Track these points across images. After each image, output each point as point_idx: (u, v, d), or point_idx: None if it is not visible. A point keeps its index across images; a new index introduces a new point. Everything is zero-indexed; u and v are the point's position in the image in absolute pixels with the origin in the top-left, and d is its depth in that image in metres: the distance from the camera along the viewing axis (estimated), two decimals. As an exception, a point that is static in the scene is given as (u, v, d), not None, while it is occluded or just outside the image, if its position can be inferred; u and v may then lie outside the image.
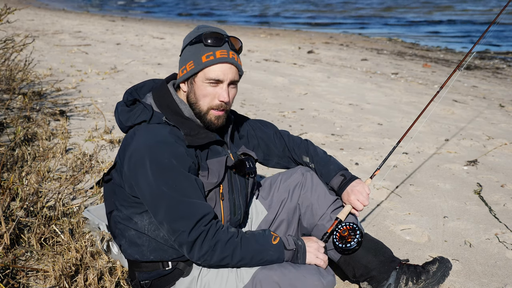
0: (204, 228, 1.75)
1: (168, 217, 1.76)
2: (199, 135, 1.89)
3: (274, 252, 1.84)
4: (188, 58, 1.88)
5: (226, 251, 1.77)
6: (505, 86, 8.42)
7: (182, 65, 1.91)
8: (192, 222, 1.74)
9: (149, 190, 1.78)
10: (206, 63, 1.83)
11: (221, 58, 1.84)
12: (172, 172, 1.77)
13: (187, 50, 1.90)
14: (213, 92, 1.87)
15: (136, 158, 1.80)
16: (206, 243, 1.75)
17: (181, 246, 1.77)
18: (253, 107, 5.86)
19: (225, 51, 1.86)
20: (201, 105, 1.89)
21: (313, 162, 2.29)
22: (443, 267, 2.28)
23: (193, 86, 1.89)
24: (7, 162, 3.44)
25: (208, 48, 1.85)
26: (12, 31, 8.83)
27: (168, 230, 1.78)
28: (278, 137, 2.33)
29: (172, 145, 1.80)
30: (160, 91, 1.97)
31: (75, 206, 2.98)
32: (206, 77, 1.85)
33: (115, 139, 4.23)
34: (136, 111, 1.90)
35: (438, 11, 23.85)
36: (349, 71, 8.99)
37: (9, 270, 2.29)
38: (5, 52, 5.17)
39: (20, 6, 15.15)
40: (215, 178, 1.91)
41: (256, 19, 21.51)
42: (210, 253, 1.75)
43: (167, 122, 1.87)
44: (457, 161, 4.32)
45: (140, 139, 1.82)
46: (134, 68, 7.88)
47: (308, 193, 2.24)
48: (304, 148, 2.31)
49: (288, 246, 1.87)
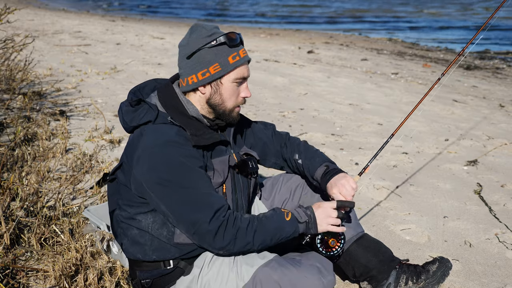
0: (224, 218, 1.78)
1: (187, 211, 1.77)
2: (205, 135, 1.89)
3: (289, 228, 1.87)
4: (211, 61, 1.87)
5: (248, 237, 1.80)
6: (505, 86, 8.42)
7: (202, 68, 1.87)
8: (211, 212, 1.76)
9: (164, 188, 1.78)
10: (234, 64, 1.87)
11: (245, 57, 1.91)
12: (184, 169, 1.78)
13: (205, 53, 1.87)
14: (237, 91, 1.93)
15: (145, 159, 1.79)
16: (228, 232, 1.77)
17: (203, 237, 1.78)
18: (253, 107, 5.86)
19: (244, 49, 1.92)
20: (228, 104, 1.92)
21: (301, 157, 2.26)
22: (443, 266, 2.28)
23: (219, 87, 1.90)
24: (7, 162, 3.44)
25: (232, 49, 1.88)
26: (12, 31, 8.83)
27: (187, 224, 1.78)
28: (276, 137, 2.33)
29: (182, 145, 1.81)
30: (166, 91, 1.96)
31: (75, 206, 2.98)
32: (236, 77, 1.89)
33: (115, 139, 4.23)
34: (141, 111, 1.90)
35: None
36: (349, 71, 8.99)
37: (9, 270, 2.29)
38: (5, 52, 5.17)
39: (20, 6, 15.14)
40: (220, 178, 1.92)
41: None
42: (233, 242, 1.78)
43: (172, 122, 1.87)
44: (457, 161, 4.32)
45: (149, 139, 1.82)
46: (134, 68, 7.88)
47: (308, 194, 2.25)
48: (296, 147, 2.30)
49: (301, 219, 1.90)
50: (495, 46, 13.41)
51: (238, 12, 24.99)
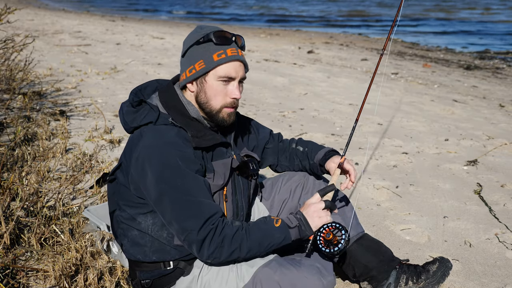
0: (212, 227, 1.75)
1: (177, 217, 1.76)
2: (205, 136, 1.88)
3: (279, 234, 1.82)
4: (197, 58, 1.87)
5: (234, 245, 1.76)
6: (505, 86, 8.42)
7: (189, 65, 1.89)
8: (201, 221, 1.74)
9: (157, 190, 1.77)
10: (218, 61, 1.84)
11: (232, 56, 1.86)
12: (180, 173, 1.77)
13: (194, 50, 1.89)
14: (224, 91, 1.88)
15: (143, 159, 1.79)
16: (214, 240, 1.74)
17: (191, 245, 1.77)
18: (253, 107, 5.86)
19: (235, 49, 1.88)
20: (213, 104, 1.89)
21: (301, 145, 2.30)
22: (443, 267, 2.28)
23: (203, 85, 1.89)
24: (7, 162, 3.44)
25: (218, 47, 1.85)
26: (12, 31, 8.83)
27: (177, 229, 1.77)
28: (274, 137, 2.36)
29: (180, 147, 1.80)
30: (167, 92, 1.96)
31: (75, 206, 2.98)
32: (219, 75, 1.85)
33: (115, 139, 4.23)
34: (142, 112, 1.89)
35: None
36: (349, 71, 8.99)
37: (9, 270, 2.29)
38: (5, 52, 5.17)
39: (20, 6, 15.15)
40: (220, 180, 1.90)
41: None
42: (218, 250, 1.75)
43: (173, 123, 1.86)
44: (457, 161, 4.32)
45: (147, 140, 1.82)
46: (134, 68, 7.88)
47: (309, 194, 2.24)
48: (295, 140, 2.36)
49: (291, 224, 1.84)
50: (495, 46, 13.40)
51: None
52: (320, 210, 1.88)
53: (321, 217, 1.87)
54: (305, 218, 1.86)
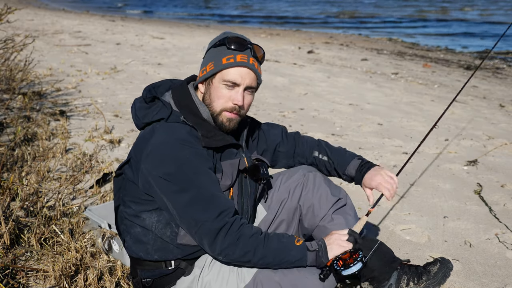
0: (229, 220, 1.74)
1: (191, 209, 1.75)
2: (216, 137, 1.88)
3: (296, 252, 1.80)
4: (209, 60, 1.89)
5: (249, 246, 1.74)
6: (505, 86, 8.42)
7: (203, 66, 1.92)
8: (216, 212, 1.73)
9: (170, 185, 1.77)
10: (225, 65, 1.85)
11: (240, 62, 1.85)
12: (193, 168, 1.77)
13: (210, 52, 1.91)
14: (228, 95, 1.87)
15: (155, 155, 1.79)
16: (230, 235, 1.72)
17: (203, 239, 1.75)
18: (253, 107, 5.86)
19: (246, 56, 1.87)
20: (215, 106, 1.89)
21: (326, 154, 2.25)
22: (444, 267, 2.28)
23: (209, 87, 1.90)
24: (7, 162, 3.44)
25: (229, 51, 1.86)
26: (12, 31, 8.82)
27: (189, 222, 1.76)
28: (288, 138, 2.32)
29: (192, 145, 1.80)
30: (180, 90, 1.97)
31: (75, 206, 2.98)
32: (224, 78, 1.86)
33: (115, 139, 4.23)
34: (154, 108, 1.90)
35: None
36: (349, 71, 8.99)
37: (9, 270, 2.29)
38: (5, 52, 5.17)
39: (20, 6, 15.14)
40: (228, 181, 1.90)
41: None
42: (232, 246, 1.73)
43: (185, 121, 1.86)
44: (457, 161, 4.32)
45: (159, 136, 1.82)
46: (134, 68, 7.88)
47: (309, 193, 2.20)
48: (315, 144, 2.30)
49: (311, 247, 1.83)
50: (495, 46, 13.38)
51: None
52: (342, 240, 1.87)
53: (341, 246, 1.86)
54: (325, 245, 1.85)
